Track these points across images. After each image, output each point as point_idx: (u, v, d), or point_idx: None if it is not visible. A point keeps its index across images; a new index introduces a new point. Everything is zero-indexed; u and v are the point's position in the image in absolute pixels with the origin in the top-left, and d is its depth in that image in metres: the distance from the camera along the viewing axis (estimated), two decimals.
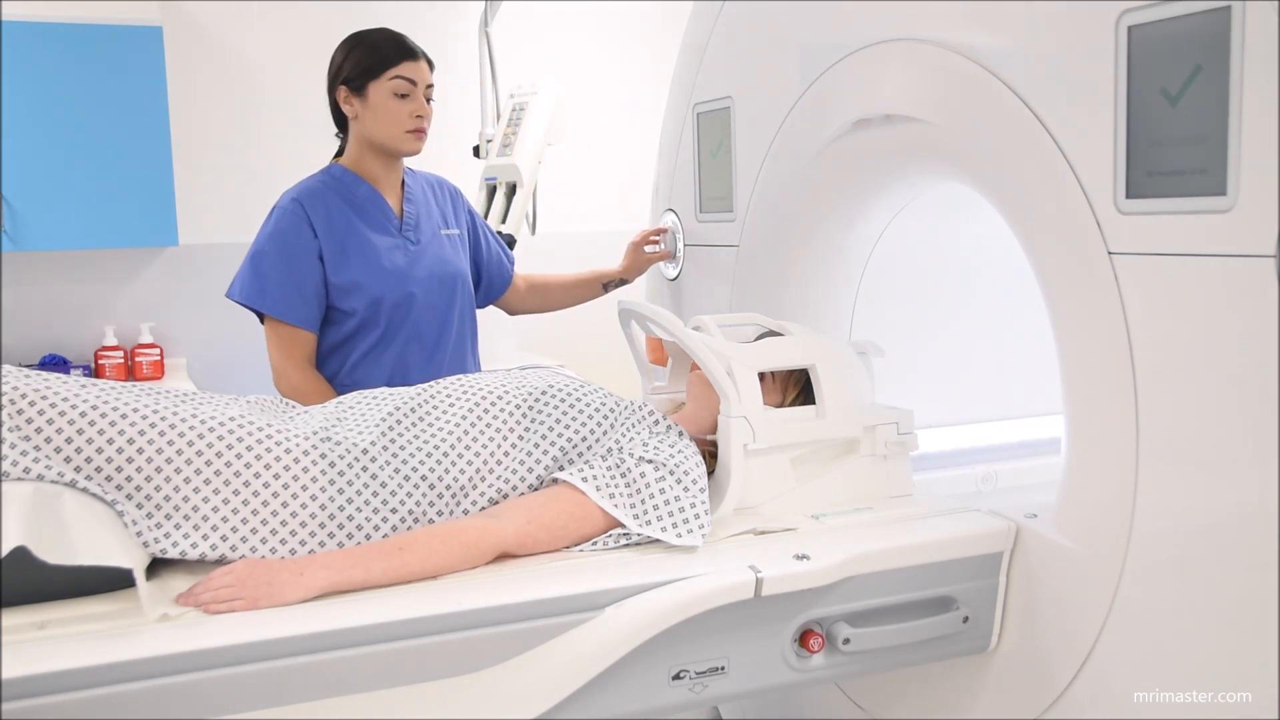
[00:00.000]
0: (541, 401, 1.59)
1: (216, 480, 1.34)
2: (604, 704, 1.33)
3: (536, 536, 1.43)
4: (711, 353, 1.62)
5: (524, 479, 1.52)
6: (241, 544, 1.32)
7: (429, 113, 2.08)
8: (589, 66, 4.06)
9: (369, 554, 1.32)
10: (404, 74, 2.03)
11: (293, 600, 1.25)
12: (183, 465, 1.33)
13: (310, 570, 1.28)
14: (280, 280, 1.99)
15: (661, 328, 1.71)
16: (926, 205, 2.04)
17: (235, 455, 1.36)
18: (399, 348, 2.08)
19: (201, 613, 1.22)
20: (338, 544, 1.37)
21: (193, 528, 1.32)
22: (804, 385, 1.71)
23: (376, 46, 2.04)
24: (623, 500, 1.48)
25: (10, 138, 3.02)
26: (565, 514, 1.45)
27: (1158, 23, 1.27)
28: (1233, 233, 1.20)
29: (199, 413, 1.39)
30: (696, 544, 1.44)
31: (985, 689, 1.60)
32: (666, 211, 2.55)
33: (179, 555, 1.30)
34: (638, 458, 1.51)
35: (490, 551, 1.40)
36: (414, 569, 1.33)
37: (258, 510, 1.34)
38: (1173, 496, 1.31)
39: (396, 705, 1.21)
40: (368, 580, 1.30)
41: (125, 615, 1.21)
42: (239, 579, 1.25)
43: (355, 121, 2.06)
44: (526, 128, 2.95)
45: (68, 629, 1.18)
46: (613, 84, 4.09)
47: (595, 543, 1.47)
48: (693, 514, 1.47)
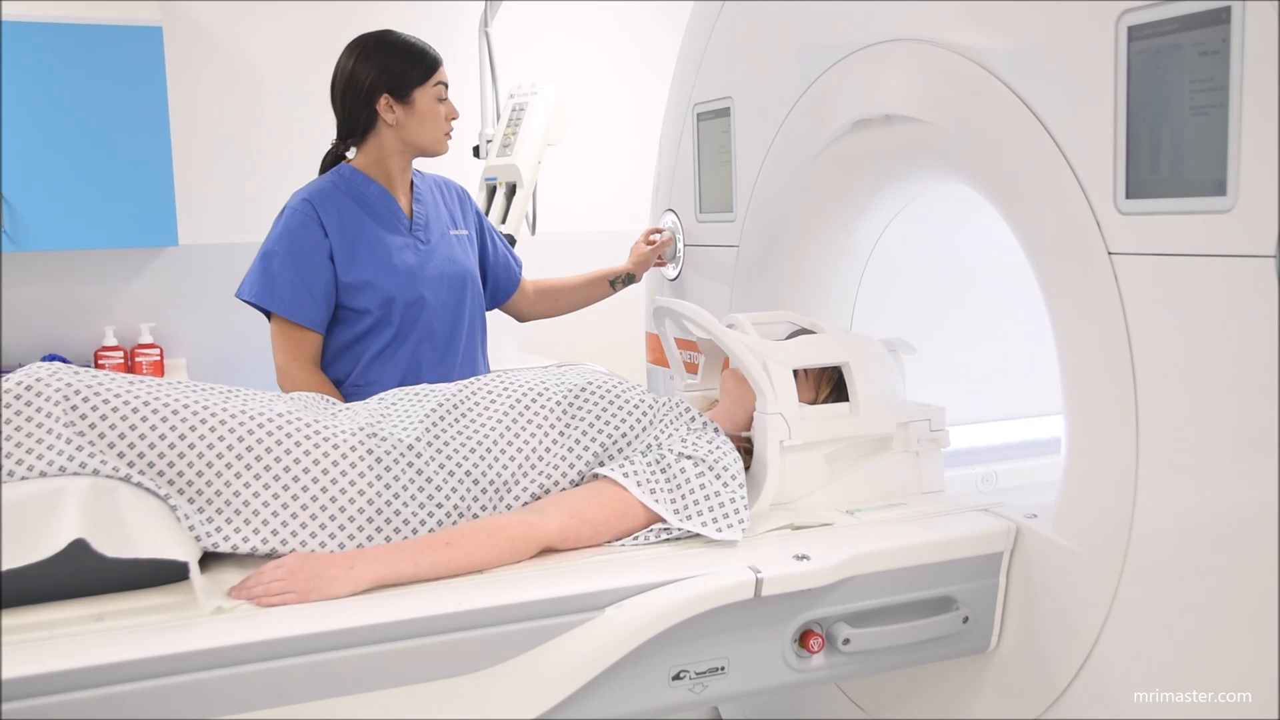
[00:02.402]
0: (581, 398, 1.61)
1: (266, 475, 1.37)
2: (604, 704, 1.33)
3: (579, 531, 1.45)
4: (749, 350, 1.63)
5: (565, 475, 1.55)
6: (291, 538, 1.35)
7: (459, 113, 2.13)
8: (589, 66, 4.06)
9: (417, 548, 1.34)
10: (442, 79, 2.09)
11: (343, 593, 1.27)
12: (233, 460, 1.36)
13: (360, 564, 1.30)
14: (290, 280, 2.00)
15: (698, 325, 1.73)
16: (926, 206, 2.04)
17: (284, 451, 1.39)
18: (412, 348, 2.08)
19: (254, 605, 1.25)
20: (385, 538, 1.39)
21: (243, 522, 1.35)
22: (836, 382, 1.73)
23: (418, 54, 2.06)
24: (663, 495, 1.49)
25: (10, 138, 3.02)
26: (607, 509, 1.47)
27: (1158, 23, 1.27)
28: (1233, 233, 1.20)
29: (247, 408, 1.42)
30: (737, 538, 1.46)
31: (985, 689, 1.60)
32: (666, 211, 2.55)
33: (230, 549, 1.33)
34: (677, 453, 1.53)
35: (535, 546, 1.42)
36: (460, 563, 1.35)
37: (307, 505, 1.37)
38: (1173, 496, 1.31)
39: (396, 705, 1.21)
40: (415, 574, 1.32)
41: (180, 608, 1.24)
42: (290, 572, 1.27)
43: (392, 128, 2.06)
44: (526, 128, 2.95)
45: (124, 621, 1.20)
46: (613, 84, 4.09)
47: (636, 537, 1.49)
48: (732, 509, 1.48)
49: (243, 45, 3.58)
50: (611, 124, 4.07)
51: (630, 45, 4.12)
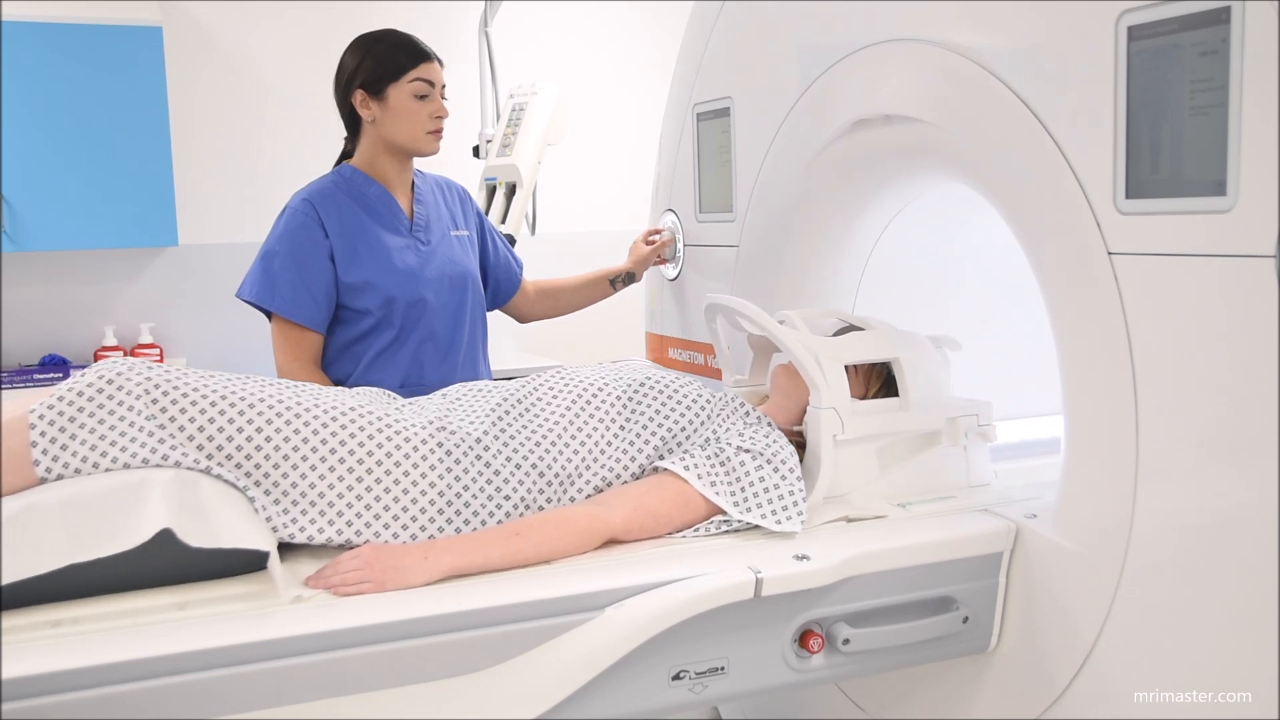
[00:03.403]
0: (640, 393, 1.65)
1: (340, 468, 1.40)
2: (604, 704, 1.33)
3: (643, 523, 1.49)
4: (803, 347, 1.65)
5: (626, 468, 1.58)
6: (365, 529, 1.39)
7: (447, 113, 2.10)
8: (589, 66, 4.06)
9: (487, 539, 1.38)
10: (423, 76, 2.04)
11: (418, 583, 1.30)
12: (309, 454, 1.39)
13: (434, 554, 1.33)
14: (290, 280, 2.00)
15: (752, 321, 1.76)
16: (926, 206, 2.04)
17: (358, 444, 1.42)
18: (413, 348, 2.08)
19: (330, 595, 1.27)
20: (455, 529, 1.43)
21: (319, 513, 1.38)
22: (885, 378, 1.75)
23: (394, 49, 2.04)
24: (723, 488, 1.52)
25: (10, 138, 3.02)
26: (669, 501, 1.51)
27: (1157, 22, 1.27)
28: (1233, 233, 1.20)
29: (320, 402, 1.45)
30: (796, 530, 1.50)
31: (985, 689, 1.60)
32: (666, 211, 2.55)
33: (306, 540, 1.36)
34: (736, 447, 1.56)
35: (600, 537, 1.46)
36: (529, 554, 1.38)
37: (380, 497, 1.40)
38: (1173, 496, 1.31)
39: (396, 705, 1.21)
40: (486, 564, 1.36)
41: (259, 597, 1.27)
42: (367, 562, 1.30)
43: (373, 125, 2.06)
44: (526, 128, 2.95)
45: (207, 610, 1.23)
46: (613, 84, 4.09)
47: (697, 529, 1.52)
48: (791, 501, 1.52)
49: (243, 45, 3.58)
50: (611, 124, 4.07)
51: (630, 45, 4.12)
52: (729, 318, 1.89)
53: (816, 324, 1.82)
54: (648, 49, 4.08)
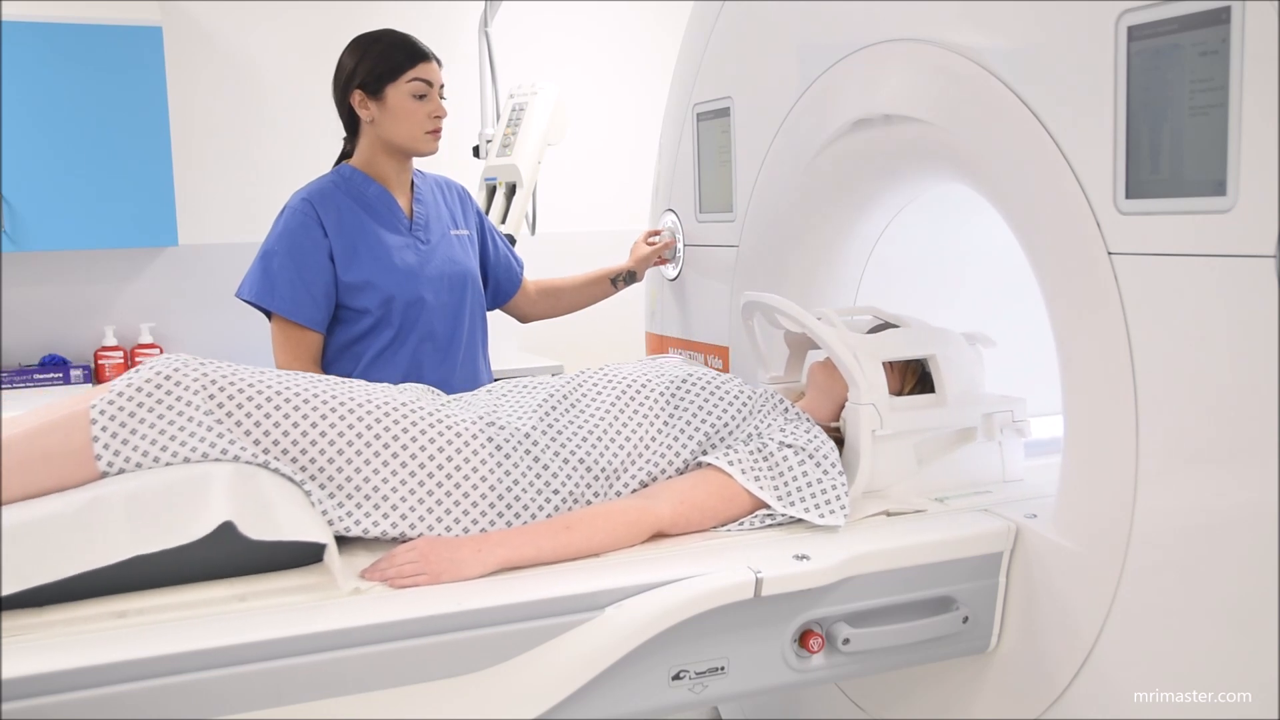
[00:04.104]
0: (683, 390, 1.68)
1: (394, 462, 1.42)
2: (604, 704, 1.33)
3: (689, 517, 1.52)
4: (843, 343, 1.67)
5: (671, 463, 1.61)
6: (419, 522, 1.41)
7: (445, 112, 2.10)
8: (589, 66, 4.06)
9: (538, 533, 1.41)
10: (421, 76, 2.05)
11: (472, 575, 1.33)
12: (363, 448, 1.41)
13: (487, 547, 1.36)
14: (290, 280, 2.00)
15: (790, 318, 1.77)
16: (926, 205, 2.04)
17: (410, 439, 1.44)
18: (413, 347, 2.08)
19: (386, 587, 1.30)
20: (506, 523, 1.45)
21: (373, 507, 1.40)
22: (920, 374, 1.78)
23: (392, 49, 2.04)
24: (767, 483, 1.55)
25: (10, 138, 3.01)
26: (714, 495, 1.53)
27: (1157, 22, 1.27)
28: (1233, 233, 1.20)
29: (373, 397, 1.47)
30: (839, 523, 1.52)
31: (985, 689, 1.60)
32: (666, 212, 2.55)
33: (360, 533, 1.38)
34: (779, 442, 1.59)
35: (648, 531, 1.48)
36: (579, 547, 1.41)
37: (432, 491, 1.42)
38: (1173, 496, 1.31)
39: (396, 705, 1.21)
40: (538, 557, 1.38)
41: (317, 589, 1.29)
42: (422, 555, 1.33)
43: (371, 125, 2.06)
44: (526, 128, 2.95)
45: (266, 601, 1.26)
46: (613, 84, 4.09)
47: (742, 523, 1.55)
48: (834, 495, 1.54)
49: (243, 45, 3.58)
50: (611, 124, 4.07)
51: (630, 45, 4.12)
52: (767, 315, 1.91)
53: (851, 321, 1.84)
54: (648, 49, 4.08)
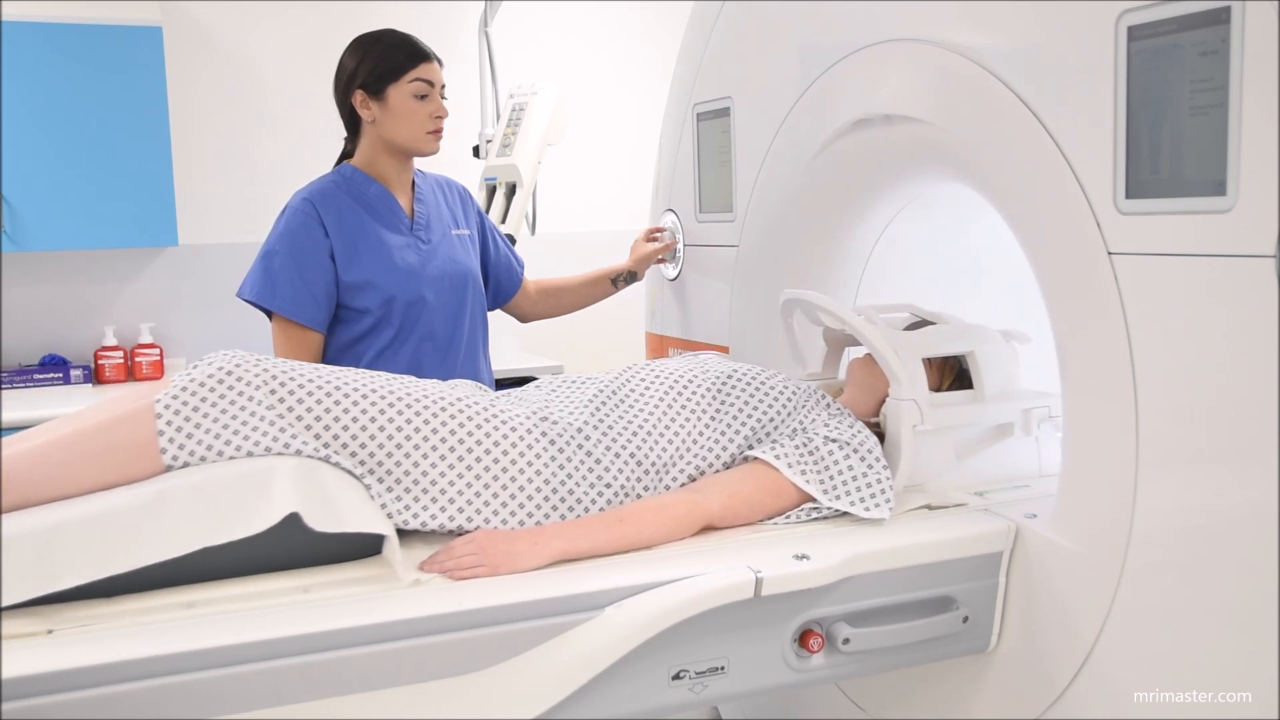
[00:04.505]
0: (729, 385, 1.70)
1: (451, 456, 1.44)
2: (604, 704, 1.33)
3: (737, 510, 1.54)
4: (885, 340, 1.69)
5: (719, 457, 1.63)
6: (476, 515, 1.43)
7: (446, 113, 2.10)
8: (589, 66, 4.05)
9: (592, 525, 1.44)
10: (422, 76, 2.05)
11: (530, 567, 1.36)
12: (420, 442, 1.43)
13: (543, 540, 1.39)
14: (290, 279, 2.00)
15: (833, 315, 1.79)
16: (926, 205, 2.04)
17: (467, 433, 1.46)
18: (413, 348, 2.08)
19: (445, 579, 1.33)
20: (560, 516, 1.47)
21: (430, 500, 1.42)
22: (958, 370, 1.79)
23: (393, 50, 2.04)
24: (813, 477, 1.57)
25: (10, 138, 3.01)
26: (762, 489, 1.56)
27: (1158, 23, 1.27)
28: (1233, 233, 1.20)
29: (429, 393, 1.49)
30: (884, 516, 1.55)
31: (985, 689, 1.60)
32: (666, 211, 2.55)
33: (419, 526, 1.41)
34: (824, 437, 1.62)
35: (698, 524, 1.51)
36: (632, 539, 1.44)
37: (489, 484, 1.44)
38: (1173, 496, 1.31)
39: (396, 705, 1.21)
40: (593, 549, 1.42)
41: (378, 581, 1.32)
42: (480, 547, 1.36)
43: (372, 125, 2.07)
44: (526, 128, 2.95)
45: (330, 593, 1.28)
46: (613, 84, 4.09)
47: (788, 516, 1.57)
48: (879, 489, 1.57)
49: (243, 45, 3.58)
50: (611, 124, 4.07)
51: (630, 45, 4.12)
52: (807, 312, 1.92)
53: (889, 318, 1.85)
54: (648, 49, 4.08)
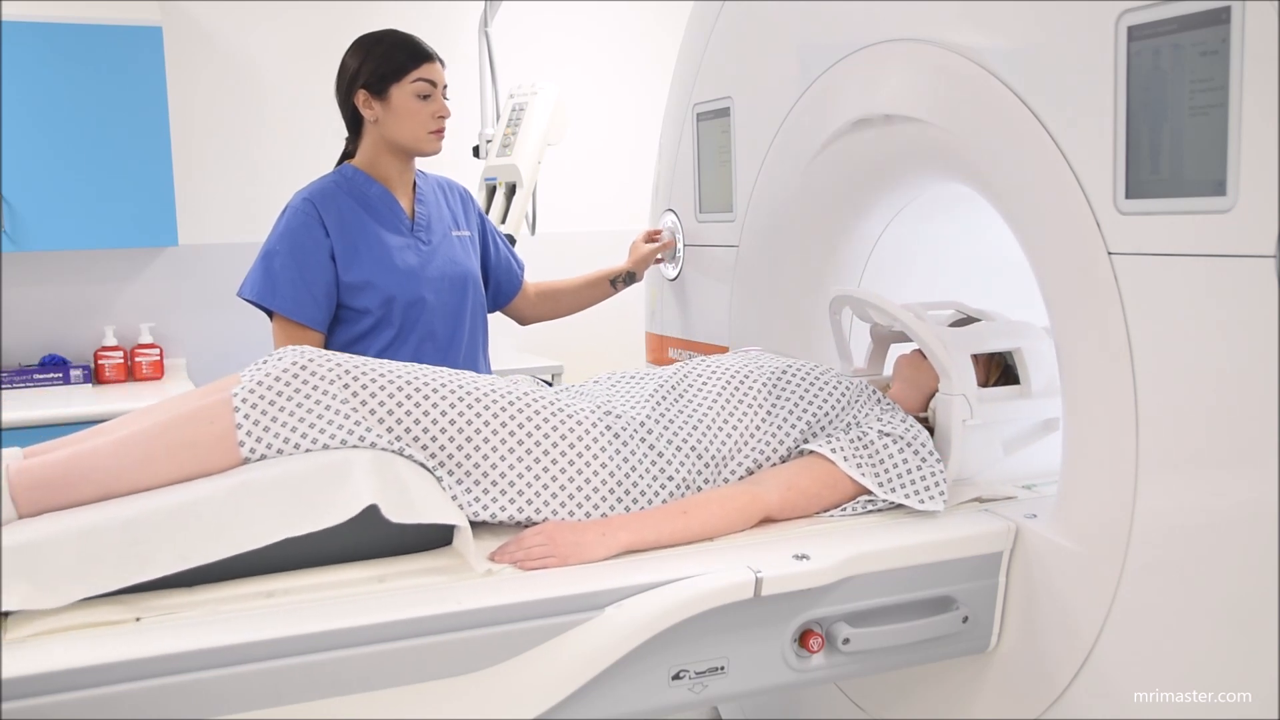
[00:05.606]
0: (784, 381, 1.72)
1: (519, 449, 1.47)
2: (604, 704, 1.33)
3: (795, 503, 1.57)
4: (935, 336, 1.71)
5: (775, 450, 1.66)
6: (544, 508, 1.46)
7: (449, 113, 2.10)
8: (589, 66, 4.06)
9: (657, 517, 1.47)
10: (425, 76, 2.05)
11: (597, 558, 1.40)
12: (489, 436, 1.46)
13: (610, 531, 1.43)
14: (291, 279, 2.00)
15: (883, 312, 1.81)
16: (926, 205, 2.04)
17: (534, 427, 1.49)
18: (413, 347, 2.08)
19: (516, 569, 1.36)
20: (624, 508, 1.50)
21: (500, 493, 1.45)
22: (1004, 366, 1.81)
23: (396, 50, 2.05)
24: (868, 470, 1.60)
25: (10, 138, 3.01)
26: (819, 482, 1.59)
27: (1157, 23, 1.27)
28: (1233, 233, 1.20)
29: (496, 388, 1.52)
30: (939, 509, 1.58)
31: (985, 689, 1.60)
32: (666, 212, 2.55)
33: (489, 518, 1.44)
34: (878, 431, 1.64)
35: (758, 516, 1.54)
36: (696, 531, 1.48)
37: (556, 477, 1.48)
38: (1173, 496, 1.31)
39: (396, 705, 1.21)
40: (658, 541, 1.45)
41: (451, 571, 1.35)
42: (550, 538, 1.39)
43: (375, 125, 2.07)
44: (526, 128, 2.95)
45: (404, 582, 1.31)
46: (613, 84, 4.09)
47: (844, 509, 1.60)
48: (933, 481, 1.60)
49: (243, 45, 3.58)
50: (611, 124, 4.07)
51: (630, 45, 4.12)
52: (857, 309, 1.94)
53: (934, 315, 1.86)
54: (648, 49, 4.08)
